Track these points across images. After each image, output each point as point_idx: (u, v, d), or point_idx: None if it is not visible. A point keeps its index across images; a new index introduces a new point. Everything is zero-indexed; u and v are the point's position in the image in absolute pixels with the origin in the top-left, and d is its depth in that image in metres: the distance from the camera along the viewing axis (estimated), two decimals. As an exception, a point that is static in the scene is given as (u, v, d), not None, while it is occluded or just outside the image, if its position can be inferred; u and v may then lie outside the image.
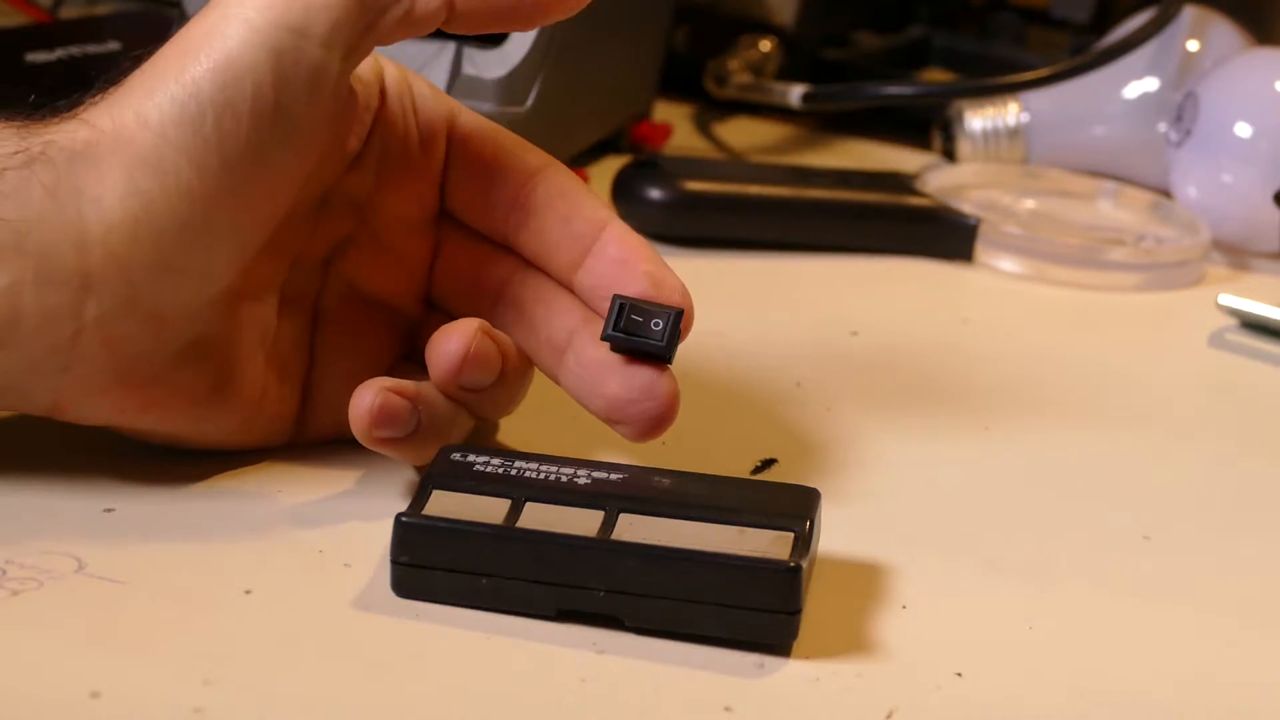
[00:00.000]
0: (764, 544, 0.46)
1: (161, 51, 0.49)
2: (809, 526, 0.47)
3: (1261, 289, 0.74)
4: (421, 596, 0.47)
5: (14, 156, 0.47)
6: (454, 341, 0.50)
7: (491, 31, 0.52)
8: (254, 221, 0.49)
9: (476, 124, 0.54)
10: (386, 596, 0.47)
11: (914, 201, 0.75)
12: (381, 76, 0.53)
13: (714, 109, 0.88)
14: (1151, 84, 0.81)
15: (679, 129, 0.85)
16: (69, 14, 0.87)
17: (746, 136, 0.87)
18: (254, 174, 0.48)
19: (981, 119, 0.83)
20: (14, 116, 0.49)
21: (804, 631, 0.46)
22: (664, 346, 0.51)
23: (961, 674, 0.46)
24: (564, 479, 0.48)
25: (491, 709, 0.43)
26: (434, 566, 0.47)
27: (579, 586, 0.46)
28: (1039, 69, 0.81)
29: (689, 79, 0.88)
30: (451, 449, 0.50)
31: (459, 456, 0.49)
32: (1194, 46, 0.81)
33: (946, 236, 0.74)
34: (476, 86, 0.71)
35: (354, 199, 0.53)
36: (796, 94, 0.84)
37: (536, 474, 0.48)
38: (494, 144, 0.54)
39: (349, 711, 0.43)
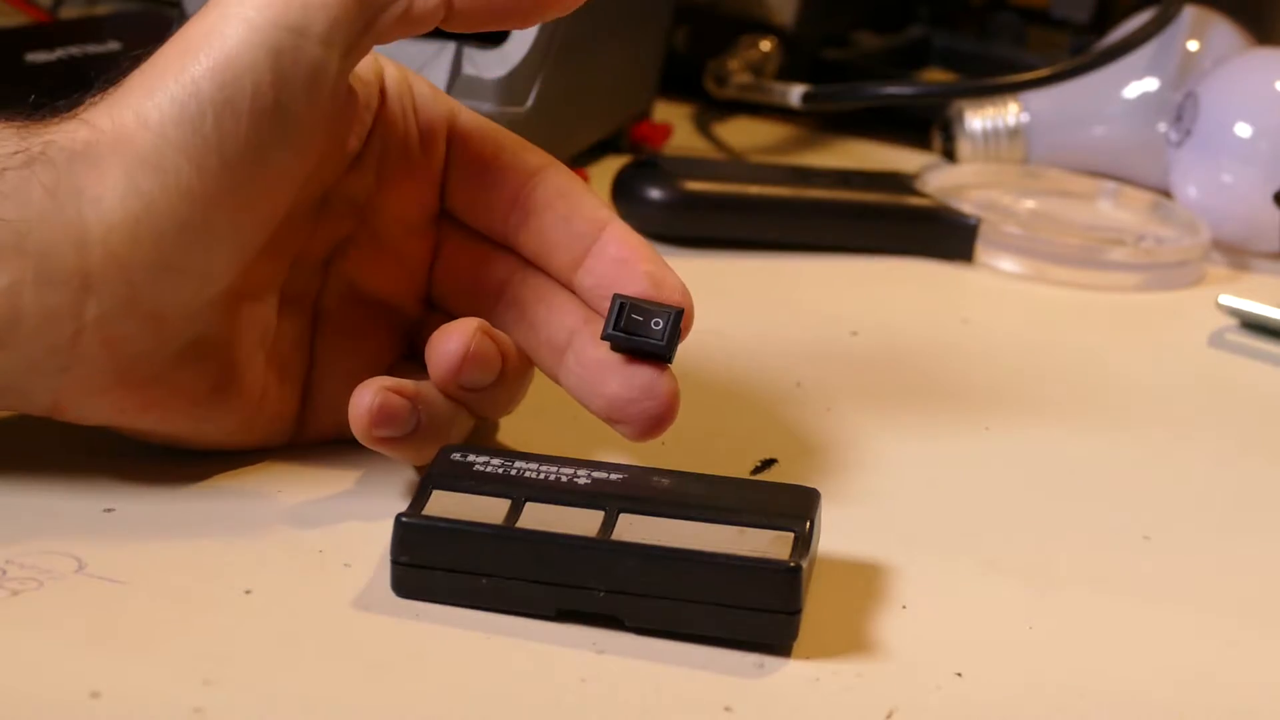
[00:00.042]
0: (764, 544, 0.46)
1: (161, 51, 0.49)
2: (809, 526, 0.47)
3: (1261, 289, 0.74)
4: (421, 596, 0.47)
5: (14, 156, 0.47)
6: (453, 341, 0.50)
7: (490, 29, 0.52)
8: (254, 221, 0.49)
9: (476, 124, 0.54)
10: (386, 596, 0.47)
11: (914, 201, 0.75)
12: (381, 76, 0.53)
13: (714, 109, 0.88)
14: (1151, 84, 0.81)
15: (679, 129, 0.85)
16: (69, 14, 0.87)
17: (746, 136, 0.87)
18: (254, 173, 0.48)
19: (981, 119, 0.83)
20: (14, 116, 0.49)
21: (804, 631, 0.46)
22: (664, 346, 0.51)
23: (961, 674, 0.46)
24: (564, 479, 0.48)
25: (491, 709, 0.43)
26: (434, 566, 0.47)
27: (579, 586, 0.46)
28: (1039, 69, 0.81)
29: (689, 79, 0.88)
30: (451, 449, 0.50)
31: (459, 456, 0.49)
32: (1194, 46, 0.81)
33: (946, 236, 0.74)
34: (476, 86, 0.71)
35: (354, 199, 0.53)
36: (796, 94, 0.84)
37: (536, 474, 0.48)
38: (494, 144, 0.54)
39: (349, 711, 0.43)
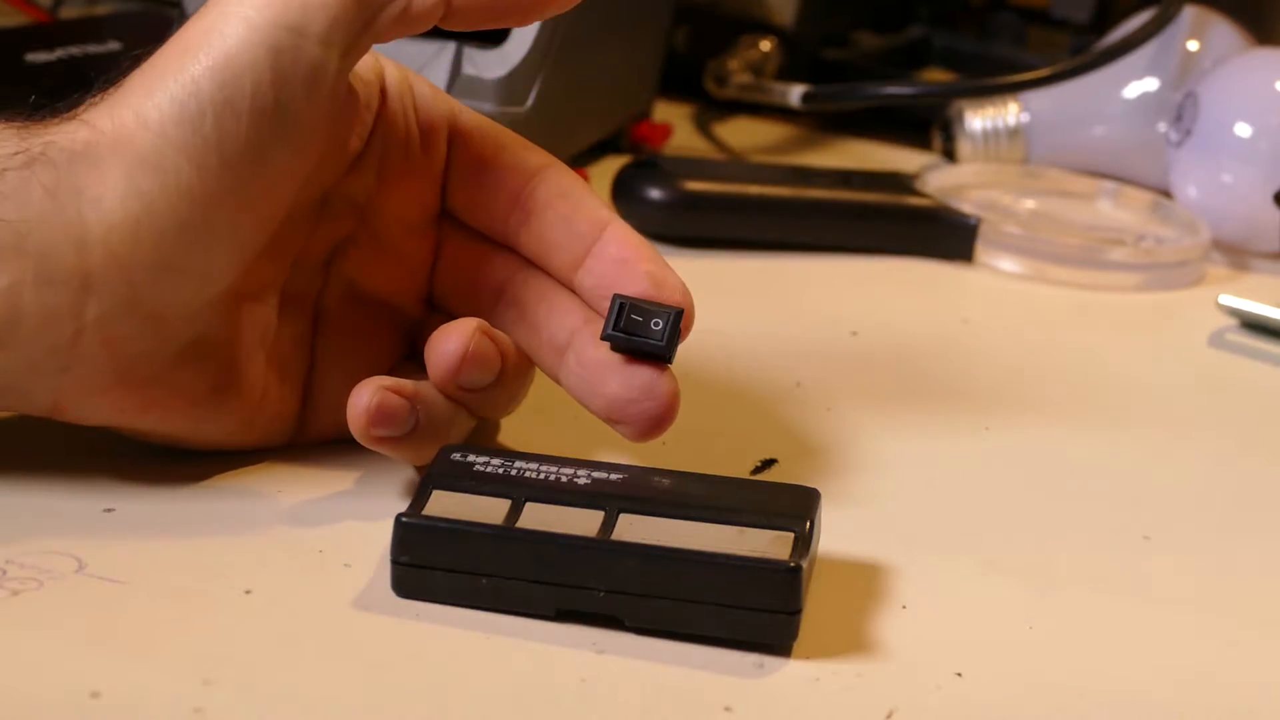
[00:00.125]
0: (764, 544, 0.46)
1: (161, 51, 0.49)
2: (809, 527, 0.47)
3: (1261, 289, 0.74)
4: (421, 596, 0.47)
5: (14, 157, 0.47)
6: (452, 341, 0.50)
7: (489, 27, 0.52)
8: (254, 221, 0.49)
9: (477, 123, 0.54)
10: (386, 596, 0.47)
11: (914, 201, 0.75)
12: (382, 76, 0.53)
13: (714, 109, 0.88)
14: (1151, 84, 0.81)
15: (679, 129, 0.85)
16: (69, 14, 0.87)
17: (746, 136, 0.87)
18: (254, 173, 0.48)
19: (981, 119, 0.83)
20: (14, 117, 0.49)
21: (804, 631, 0.46)
22: (664, 346, 0.50)
23: (961, 674, 0.46)
24: (564, 479, 0.48)
25: (491, 709, 0.43)
26: (434, 566, 0.47)
27: (579, 586, 0.46)
28: (1039, 69, 0.81)
29: (689, 79, 0.88)
30: (451, 449, 0.50)
31: (459, 456, 0.49)
32: (1194, 46, 0.81)
33: (946, 236, 0.74)
34: (476, 86, 0.71)
35: (354, 199, 0.53)
36: (796, 94, 0.84)
37: (536, 474, 0.48)
38: (495, 143, 0.54)
39: (349, 711, 0.43)
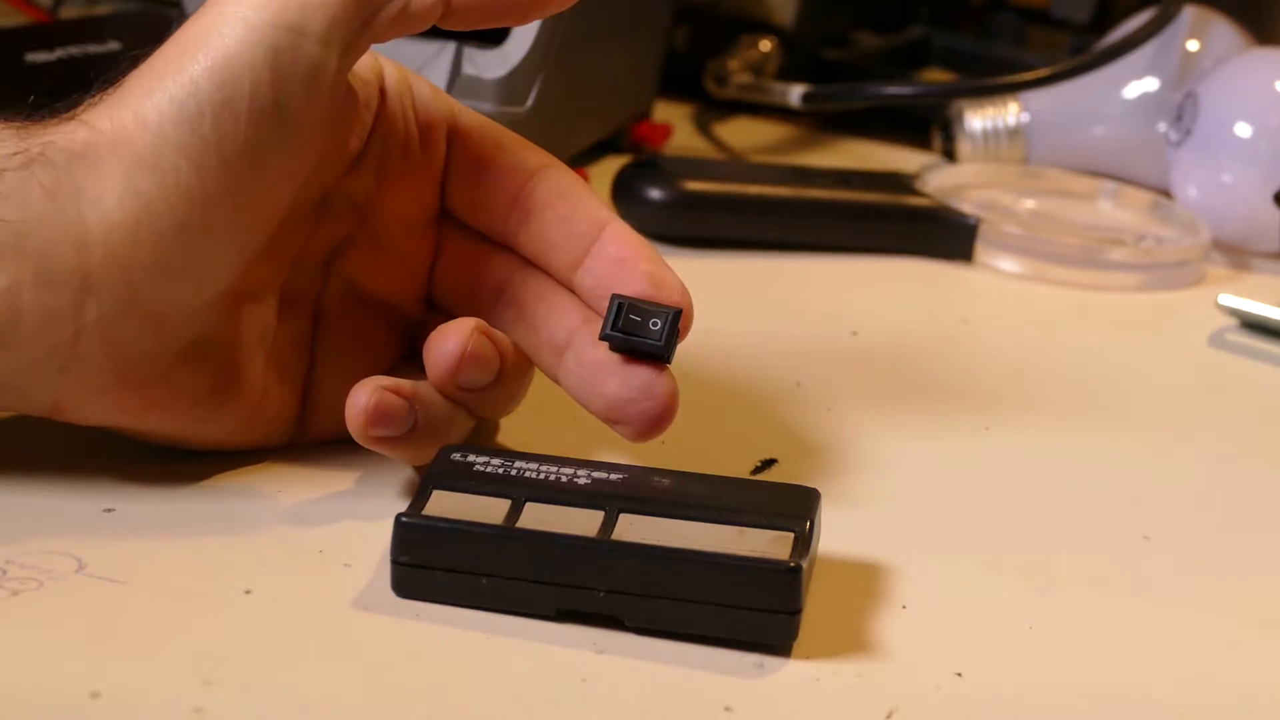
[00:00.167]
0: (764, 544, 0.46)
1: (160, 51, 0.49)
2: (809, 526, 0.47)
3: (1261, 289, 0.74)
4: (421, 596, 0.47)
5: (13, 158, 0.47)
6: (451, 341, 0.50)
7: (488, 26, 0.52)
8: (254, 221, 0.49)
9: (477, 123, 0.54)
10: (386, 596, 0.47)
11: (914, 201, 0.75)
12: (381, 76, 0.53)
13: (714, 109, 0.88)
14: (1151, 84, 0.81)
15: (679, 129, 0.85)
16: (69, 14, 0.87)
17: (746, 136, 0.87)
18: (253, 173, 0.48)
19: (981, 119, 0.83)
20: (13, 117, 0.49)
21: (804, 631, 0.46)
22: (662, 346, 0.50)
23: (961, 674, 0.46)
24: (564, 479, 0.48)
25: (491, 709, 0.43)
26: (434, 566, 0.47)
27: (579, 586, 0.46)
28: (1039, 69, 0.81)
29: (689, 79, 0.88)
30: (451, 449, 0.50)
31: (459, 456, 0.49)
32: (1194, 46, 0.81)
33: (946, 236, 0.74)
34: (476, 86, 0.71)
35: (354, 199, 0.53)
36: (796, 94, 0.84)
37: (536, 474, 0.48)
38: (494, 143, 0.54)
39: (349, 711, 0.43)
